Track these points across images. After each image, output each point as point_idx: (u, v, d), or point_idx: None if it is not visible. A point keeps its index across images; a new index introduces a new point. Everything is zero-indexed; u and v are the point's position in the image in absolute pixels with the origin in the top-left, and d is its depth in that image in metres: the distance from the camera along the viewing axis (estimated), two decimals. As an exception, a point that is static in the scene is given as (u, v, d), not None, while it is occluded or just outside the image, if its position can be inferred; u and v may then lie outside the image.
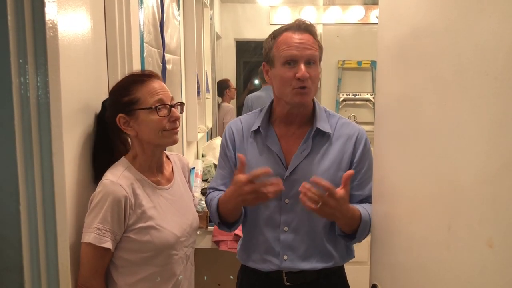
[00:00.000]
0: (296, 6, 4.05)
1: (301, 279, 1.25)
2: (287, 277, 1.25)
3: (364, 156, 1.24)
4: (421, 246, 0.87)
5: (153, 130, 1.08)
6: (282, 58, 1.17)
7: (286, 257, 1.23)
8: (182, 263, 1.16)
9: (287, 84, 1.17)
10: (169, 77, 2.03)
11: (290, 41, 1.17)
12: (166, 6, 1.97)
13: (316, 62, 1.19)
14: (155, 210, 1.09)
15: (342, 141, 1.24)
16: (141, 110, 1.07)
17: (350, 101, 4.02)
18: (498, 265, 0.65)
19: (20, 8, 0.71)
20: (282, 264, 1.23)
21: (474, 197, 0.70)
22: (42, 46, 0.74)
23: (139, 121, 1.08)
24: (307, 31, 1.19)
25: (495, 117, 0.65)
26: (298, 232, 1.23)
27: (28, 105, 0.74)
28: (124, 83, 1.12)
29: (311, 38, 1.18)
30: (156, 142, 1.10)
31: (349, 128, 1.26)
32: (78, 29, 1.06)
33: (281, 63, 1.17)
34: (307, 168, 1.21)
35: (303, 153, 1.22)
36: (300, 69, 1.15)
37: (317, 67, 1.19)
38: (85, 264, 1.02)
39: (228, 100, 4.24)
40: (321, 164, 1.22)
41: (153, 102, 1.07)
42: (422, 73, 0.86)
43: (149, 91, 1.08)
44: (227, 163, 1.31)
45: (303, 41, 1.16)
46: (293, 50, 1.16)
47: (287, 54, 1.16)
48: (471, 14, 0.70)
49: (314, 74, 1.18)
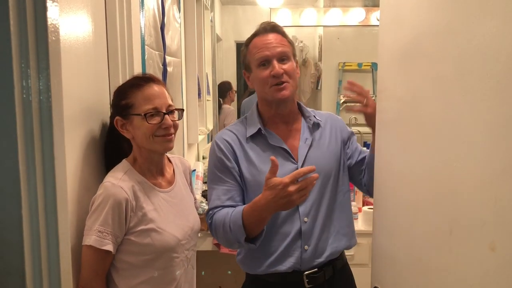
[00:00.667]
0: (296, 8, 4.05)
1: (321, 278, 1.25)
2: (307, 279, 1.23)
3: (346, 129, 1.41)
4: (423, 250, 0.87)
5: (144, 135, 1.09)
6: (256, 61, 1.24)
7: (307, 247, 1.23)
8: (183, 266, 1.15)
9: (265, 83, 1.23)
10: (169, 79, 2.03)
11: (259, 44, 1.25)
12: (166, 9, 1.97)
13: (289, 57, 1.25)
14: (156, 213, 1.09)
15: (328, 126, 1.36)
16: (135, 115, 1.09)
17: (351, 103, 4.01)
18: (501, 269, 0.65)
19: (22, 12, 0.71)
20: (303, 255, 1.22)
21: (476, 200, 0.70)
22: (44, 50, 0.75)
23: (133, 126, 1.10)
24: (274, 31, 1.26)
25: (497, 120, 0.65)
26: (317, 220, 1.25)
27: (30, 109, 0.74)
28: (123, 86, 1.14)
29: (279, 36, 1.26)
30: (148, 147, 1.12)
31: (323, 114, 1.41)
32: (79, 32, 1.06)
33: (256, 66, 1.25)
34: (314, 155, 1.27)
35: (307, 142, 1.29)
36: (274, 66, 1.22)
37: (291, 62, 1.25)
38: (86, 267, 1.02)
39: (229, 102, 4.24)
40: (324, 147, 1.31)
41: (146, 109, 1.08)
42: (424, 75, 0.86)
43: (144, 97, 1.09)
44: (228, 175, 1.26)
45: (272, 40, 1.24)
46: (264, 51, 1.23)
47: (259, 56, 1.24)
48: (472, 16, 0.70)
49: (289, 68, 1.24)
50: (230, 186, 1.25)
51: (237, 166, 1.26)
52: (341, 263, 1.33)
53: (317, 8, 4.09)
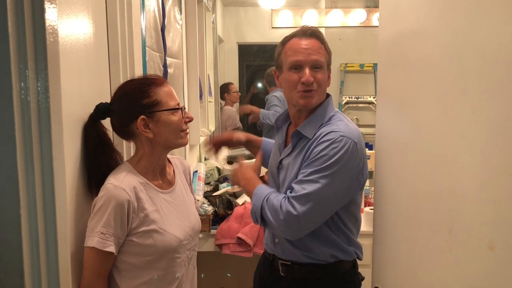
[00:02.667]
0: (298, 9, 4.06)
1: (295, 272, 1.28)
2: (281, 267, 1.29)
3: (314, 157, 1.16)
4: (422, 249, 0.87)
5: (173, 131, 1.11)
6: (288, 64, 1.23)
7: (277, 240, 1.31)
8: (184, 266, 1.15)
9: (293, 88, 1.23)
10: (170, 80, 2.04)
11: (296, 47, 1.22)
12: (167, 10, 1.98)
13: (323, 67, 1.23)
14: (158, 214, 1.10)
15: (315, 145, 1.18)
16: (162, 111, 1.09)
17: (353, 104, 4.01)
18: (500, 267, 0.65)
19: (20, 14, 0.72)
20: (275, 246, 1.31)
21: (475, 200, 0.70)
22: (42, 52, 0.75)
23: (159, 123, 1.10)
24: (313, 36, 1.24)
25: (496, 120, 0.65)
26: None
27: (29, 110, 0.75)
28: (139, 86, 1.11)
29: (317, 43, 1.23)
30: (173, 142, 1.13)
31: (327, 135, 1.18)
32: (80, 33, 1.06)
33: (288, 68, 1.24)
34: (288, 163, 1.28)
35: (286, 149, 1.31)
36: (305, 73, 1.20)
37: (323, 71, 1.24)
38: (88, 268, 1.02)
39: (230, 103, 4.23)
40: (294, 163, 1.24)
41: (173, 104, 1.12)
42: (423, 75, 0.86)
43: (167, 93, 1.12)
44: None
45: (309, 46, 1.21)
46: (299, 55, 1.21)
47: (292, 60, 1.22)
48: (471, 16, 0.70)
49: (320, 78, 1.22)
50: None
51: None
52: (319, 272, 1.25)
53: (319, 10, 4.09)
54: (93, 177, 1.11)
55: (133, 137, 1.14)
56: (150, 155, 1.13)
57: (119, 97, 1.12)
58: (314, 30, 1.25)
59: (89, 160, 1.11)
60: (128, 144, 1.30)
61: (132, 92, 1.11)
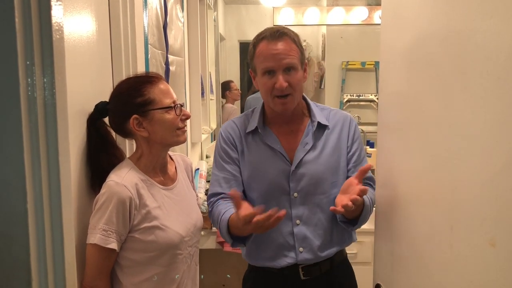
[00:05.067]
0: (299, 7, 4.06)
1: (317, 271, 1.27)
2: (303, 271, 1.27)
3: (356, 138, 1.31)
4: (424, 246, 0.87)
5: (168, 129, 1.10)
6: (261, 70, 1.21)
7: (301, 249, 1.25)
8: (186, 263, 1.16)
9: (268, 93, 1.21)
10: (172, 78, 2.04)
11: (266, 53, 1.19)
12: (169, 8, 1.98)
13: (296, 67, 1.20)
14: (160, 210, 1.10)
15: (338, 130, 1.30)
16: (156, 110, 1.08)
17: (354, 102, 4.01)
18: (501, 264, 0.65)
19: (27, 11, 0.72)
20: (299, 257, 1.25)
21: (476, 196, 0.70)
22: (48, 48, 0.76)
23: (153, 122, 1.09)
24: (283, 37, 1.19)
25: (497, 117, 0.65)
26: (310, 223, 1.26)
27: (35, 105, 0.75)
28: (133, 85, 1.11)
29: (287, 44, 1.19)
30: (169, 141, 1.12)
31: (338, 116, 1.33)
32: (83, 31, 1.07)
33: (261, 74, 1.21)
34: (311, 160, 1.25)
35: (306, 147, 1.26)
36: (278, 79, 1.17)
37: (297, 71, 1.20)
38: (90, 265, 1.03)
39: (231, 101, 4.24)
40: (323, 154, 1.27)
41: (168, 102, 1.10)
42: (425, 73, 0.86)
43: (161, 91, 1.10)
44: (231, 165, 1.29)
45: (279, 51, 1.17)
46: (270, 61, 1.18)
47: (264, 66, 1.19)
48: (473, 15, 0.70)
49: (294, 80, 1.19)
50: (231, 175, 1.29)
51: (239, 157, 1.30)
52: (339, 258, 1.33)
53: (320, 7, 4.09)
54: (95, 174, 1.12)
55: (130, 136, 1.14)
56: (148, 153, 1.13)
57: (115, 96, 1.13)
58: (282, 31, 1.20)
59: (90, 158, 1.12)
60: (131, 141, 1.30)
61: (126, 91, 1.11)
